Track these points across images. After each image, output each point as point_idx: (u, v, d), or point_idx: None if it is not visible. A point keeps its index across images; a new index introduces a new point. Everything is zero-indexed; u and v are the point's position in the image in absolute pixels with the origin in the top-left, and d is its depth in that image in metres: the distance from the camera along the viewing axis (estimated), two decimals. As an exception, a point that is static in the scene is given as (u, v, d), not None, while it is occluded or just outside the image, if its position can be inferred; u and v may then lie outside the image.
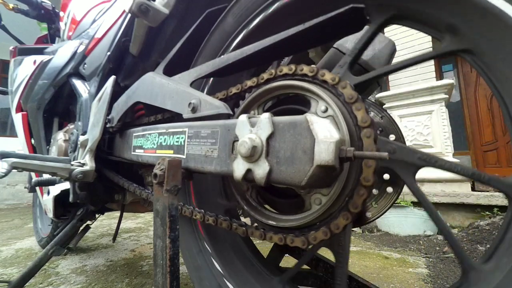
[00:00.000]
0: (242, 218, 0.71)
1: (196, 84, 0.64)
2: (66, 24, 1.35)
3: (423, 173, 2.71)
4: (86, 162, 0.86)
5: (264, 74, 0.50)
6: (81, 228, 1.27)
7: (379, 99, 3.26)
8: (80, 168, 0.84)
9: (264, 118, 0.41)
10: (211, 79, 0.71)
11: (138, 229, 2.40)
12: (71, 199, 0.95)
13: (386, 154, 0.32)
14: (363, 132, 0.38)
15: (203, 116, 0.55)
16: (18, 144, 1.40)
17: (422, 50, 3.22)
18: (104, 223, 2.66)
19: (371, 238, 2.26)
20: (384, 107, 3.10)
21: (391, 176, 0.70)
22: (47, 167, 0.84)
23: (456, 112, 4.80)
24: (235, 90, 0.56)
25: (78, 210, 1.15)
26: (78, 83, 1.08)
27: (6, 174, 0.78)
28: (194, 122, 0.55)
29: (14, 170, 0.80)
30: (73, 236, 1.27)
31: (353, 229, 2.45)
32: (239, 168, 0.43)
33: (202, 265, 0.65)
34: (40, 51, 1.43)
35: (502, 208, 2.31)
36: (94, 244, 1.92)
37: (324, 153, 0.34)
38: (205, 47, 0.70)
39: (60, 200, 1.09)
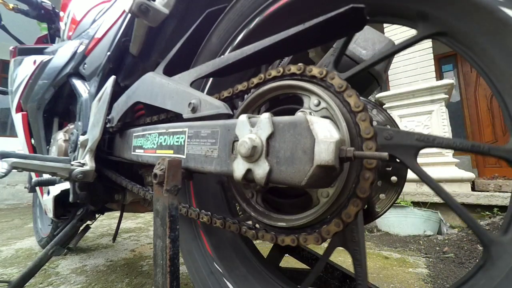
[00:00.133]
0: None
1: (196, 84, 0.65)
2: (66, 24, 1.35)
3: (423, 173, 2.71)
4: (86, 162, 0.86)
5: (254, 79, 0.52)
6: (81, 228, 1.28)
7: (379, 99, 3.26)
8: (80, 168, 0.84)
9: (264, 118, 0.41)
10: (211, 79, 0.71)
11: (138, 229, 2.40)
12: (71, 199, 0.95)
13: (386, 154, 0.32)
14: (358, 117, 0.39)
15: (203, 116, 0.55)
16: (18, 144, 1.40)
17: (422, 50, 3.22)
18: (104, 223, 2.66)
19: (371, 238, 2.26)
20: (384, 107, 3.10)
21: (393, 163, 0.69)
22: (47, 167, 0.84)
23: (456, 112, 4.80)
24: (226, 94, 0.57)
25: (78, 210, 1.15)
26: (78, 83, 1.08)
27: (6, 174, 0.78)
28: (194, 122, 0.55)
29: (14, 170, 0.80)
30: (73, 236, 1.27)
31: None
32: (239, 168, 0.43)
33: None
34: (40, 51, 1.43)
35: (502, 208, 2.31)
36: (94, 244, 1.92)
37: (324, 153, 0.34)
38: (205, 47, 0.70)
39: (60, 200, 1.09)
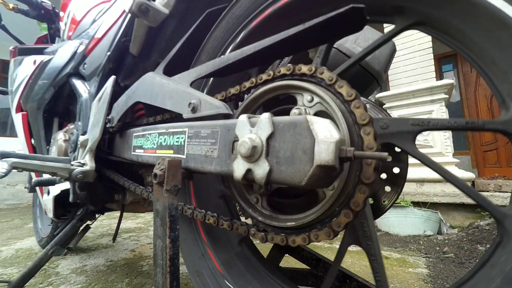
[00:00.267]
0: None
1: (196, 84, 0.65)
2: (66, 24, 1.35)
3: (423, 173, 2.71)
4: (86, 162, 0.86)
5: (246, 83, 0.53)
6: (81, 228, 1.28)
7: (379, 99, 3.26)
8: (80, 168, 0.84)
9: (264, 118, 0.42)
10: (211, 79, 0.71)
11: (138, 229, 2.40)
12: (71, 199, 0.95)
13: (386, 154, 0.32)
14: (352, 105, 0.40)
15: (203, 116, 0.55)
16: (18, 144, 1.40)
17: (422, 50, 3.22)
18: (104, 223, 2.66)
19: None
20: (384, 107, 3.11)
21: (392, 151, 0.69)
22: (47, 167, 0.84)
23: (456, 112, 4.81)
24: (220, 97, 0.58)
25: (78, 210, 1.15)
26: (78, 83, 1.08)
27: (6, 174, 0.78)
28: (194, 122, 0.55)
29: (14, 170, 0.80)
30: (73, 236, 1.27)
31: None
32: (239, 168, 0.43)
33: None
34: (40, 51, 1.43)
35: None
36: (94, 244, 1.92)
37: (324, 153, 0.34)
38: (205, 47, 0.70)
39: (60, 200, 1.09)
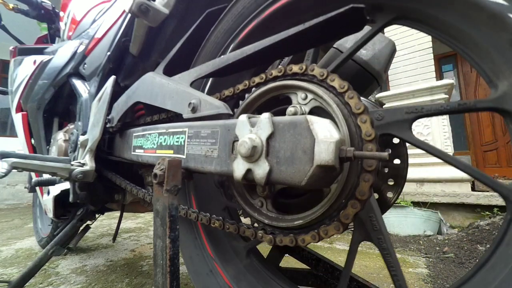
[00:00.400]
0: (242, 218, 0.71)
1: (196, 84, 0.65)
2: (66, 24, 1.35)
3: (423, 173, 2.71)
4: (86, 162, 0.86)
5: (239, 85, 0.54)
6: (81, 228, 1.27)
7: (379, 99, 3.26)
8: (80, 168, 0.84)
9: (264, 118, 0.42)
10: (211, 79, 0.71)
11: (138, 229, 2.40)
12: (71, 199, 0.95)
13: (386, 154, 0.32)
14: (346, 96, 0.41)
15: (203, 116, 0.55)
16: (18, 144, 1.40)
17: (422, 50, 3.22)
18: (104, 223, 2.66)
19: (371, 238, 2.26)
20: (384, 107, 3.10)
21: (390, 142, 0.69)
22: (47, 167, 0.84)
23: (456, 112, 4.79)
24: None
25: (78, 210, 1.15)
26: (78, 83, 1.08)
27: (6, 174, 0.78)
28: (194, 122, 0.55)
29: (14, 170, 0.80)
30: (73, 236, 1.27)
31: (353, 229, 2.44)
32: (239, 168, 0.43)
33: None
34: (40, 51, 1.43)
35: (502, 208, 2.31)
36: (94, 244, 1.92)
37: (324, 153, 0.34)
38: (205, 47, 0.70)
39: (60, 200, 1.09)
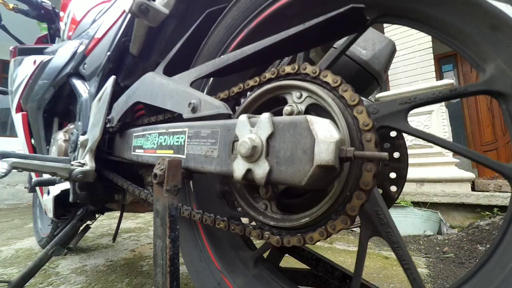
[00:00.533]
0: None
1: (196, 84, 0.64)
2: (66, 24, 1.35)
3: (423, 173, 2.71)
4: (86, 162, 0.86)
5: (234, 88, 0.55)
6: (81, 228, 1.27)
7: (379, 99, 3.26)
8: (80, 168, 0.84)
9: (264, 118, 0.42)
10: (211, 79, 0.71)
11: (138, 229, 2.40)
12: (71, 199, 0.95)
13: (386, 154, 0.32)
14: (340, 89, 0.41)
15: (203, 116, 0.55)
16: (18, 144, 1.40)
17: (422, 50, 3.23)
18: (104, 223, 2.66)
19: (371, 238, 2.26)
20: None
21: (388, 136, 0.69)
22: (47, 167, 0.84)
23: (456, 112, 4.80)
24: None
25: (78, 210, 1.15)
26: (78, 83, 1.08)
27: (6, 174, 0.78)
28: (194, 122, 0.55)
29: (14, 170, 0.80)
30: (73, 236, 1.27)
31: (353, 229, 2.44)
32: (239, 168, 0.43)
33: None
34: (40, 51, 1.43)
35: (502, 208, 2.31)
36: (94, 244, 1.92)
37: (324, 153, 0.34)
38: (205, 47, 0.70)
39: (60, 200, 1.09)
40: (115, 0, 1.06)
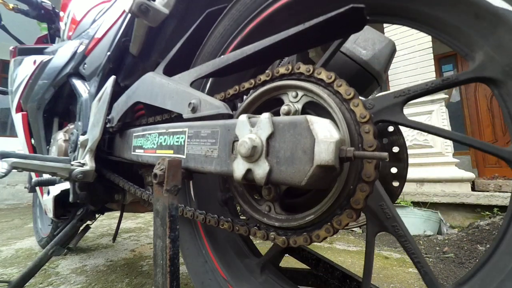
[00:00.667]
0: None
1: (196, 84, 0.64)
2: (66, 24, 1.35)
3: (423, 173, 2.71)
4: (86, 162, 0.86)
5: (230, 90, 0.56)
6: (81, 228, 1.27)
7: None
8: (80, 168, 0.84)
9: (264, 118, 0.42)
10: (211, 79, 0.71)
11: (138, 229, 2.40)
12: (71, 199, 0.95)
13: (386, 154, 0.32)
14: (335, 84, 0.42)
15: (203, 116, 0.55)
16: (18, 144, 1.40)
17: (422, 50, 3.22)
18: (104, 223, 2.66)
19: (371, 238, 2.26)
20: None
21: (386, 130, 0.69)
22: (47, 167, 0.84)
23: (456, 112, 4.80)
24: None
25: (78, 210, 1.15)
26: (78, 83, 1.08)
27: (6, 174, 0.78)
28: (194, 122, 0.55)
29: (14, 170, 0.80)
30: (73, 236, 1.27)
31: (353, 229, 2.45)
32: (239, 168, 0.43)
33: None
34: (40, 51, 1.43)
35: (502, 208, 2.31)
36: (94, 244, 1.92)
37: (324, 153, 0.34)
38: (205, 47, 0.70)
39: (60, 200, 1.09)
40: (115, 0, 1.06)
